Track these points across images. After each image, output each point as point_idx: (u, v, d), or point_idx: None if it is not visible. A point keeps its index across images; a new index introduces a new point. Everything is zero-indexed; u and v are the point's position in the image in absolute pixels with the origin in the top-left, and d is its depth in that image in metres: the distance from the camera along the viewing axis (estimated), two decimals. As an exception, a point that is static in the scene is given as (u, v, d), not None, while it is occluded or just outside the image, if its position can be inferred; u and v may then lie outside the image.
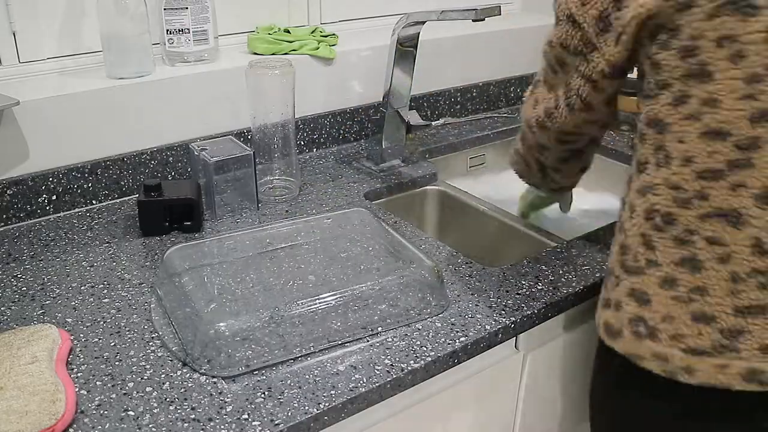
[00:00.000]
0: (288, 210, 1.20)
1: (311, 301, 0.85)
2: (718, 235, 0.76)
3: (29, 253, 1.06)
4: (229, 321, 0.82)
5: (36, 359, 0.77)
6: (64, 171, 1.16)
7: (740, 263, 0.76)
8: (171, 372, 0.81)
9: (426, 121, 1.52)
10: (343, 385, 0.79)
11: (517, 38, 1.72)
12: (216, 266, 0.96)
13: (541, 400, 1.08)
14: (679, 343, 0.79)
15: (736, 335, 0.77)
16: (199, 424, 0.74)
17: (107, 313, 0.91)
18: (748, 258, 0.75)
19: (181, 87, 1.25)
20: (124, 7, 1.17)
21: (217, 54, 1.33)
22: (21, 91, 1.12)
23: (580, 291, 0.99)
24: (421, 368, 0.83)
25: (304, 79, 1.36)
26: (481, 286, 0.99)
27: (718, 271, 0.77)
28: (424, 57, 1.50)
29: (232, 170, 1.15)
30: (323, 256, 0.99)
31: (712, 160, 0.75)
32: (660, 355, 0.80)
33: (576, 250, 1.08)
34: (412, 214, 1.37)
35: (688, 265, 0.78)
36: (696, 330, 0.78)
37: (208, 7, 1.27)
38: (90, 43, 1.26)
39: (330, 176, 1.34)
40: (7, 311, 0.91)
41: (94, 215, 1.18)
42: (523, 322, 0.93)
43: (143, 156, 1.23)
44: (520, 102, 1.77)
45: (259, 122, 1.21)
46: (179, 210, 1.10)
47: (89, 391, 0.78)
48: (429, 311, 0.92)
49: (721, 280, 0.77)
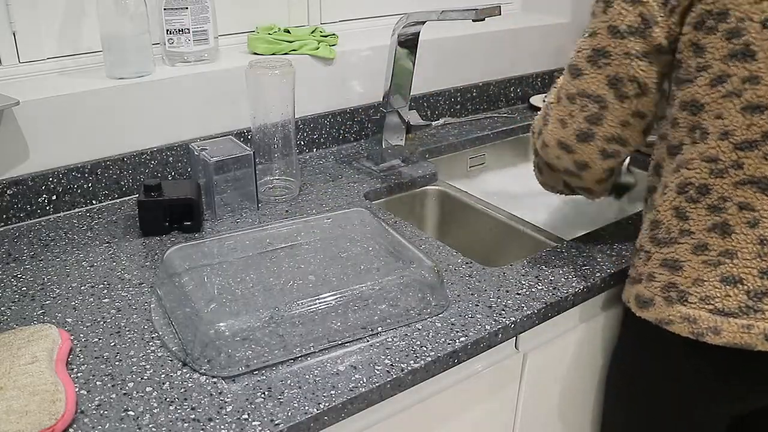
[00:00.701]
0: (288, 210, 1.20)
1: (311, 301, 0.85)
2: (749, 200, 0.84)
3: (29, 253, 1.06)
4: (229, 321, 0.82)
5: (36, 359, 0.77)
6: (64, 171, 1.16)
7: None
8: (171, 372, 0.81)
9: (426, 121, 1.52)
10: (343, 385, 0.79)
11: (517, 38, 1.72)
12: (216, 266, 0.96)
13: (541, 400, 1.08)
14: (707, 305, 0.86)
15: (761, 297, 0.84)
16: (199, 424, 0.74)
17: (107, 313, 0.91)
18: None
19: (181, 87, 1.25)
20: (124, 7, 1.17)
21: (217, 54, 1.33)
22: (21, 91, 1.12)
23: (580, 291, 0.99)
24: (421, 368, 0.83)
25: (304, 79, 1.36)
26: (481, 286, 0.99)
27: (747, 235, 0.84)
28: (424, 57, 1.50)
29: (232, 170, 1.15)
30: (323, 256, 0.99)
31: (750, 132, 0.82)
32: (689, 317, 0.87)
33: (576, 250, 1.08)
34: (412, 214, 1.37)
35: (719, 230, 0.85)
36: (723, 291, 0.85)
37: (208, 7, 1.27)
38: (90, 43, 1.26)
39: (330, 176, 1.34)
40: (7, 311, 0.91)
41: (94, 215, 1.18)
42: (523, 322, 0.93)
43: (143, 156, 1.23)
44: (520, 102, 1.77)
45: (259, 122, 1.21)
46: (179, 210, 1.10)
47: (89, 391, 0.78)
48: (429, 311, 0.92)
49: (749, 244, 0.84)
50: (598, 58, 0.91)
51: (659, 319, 0.90)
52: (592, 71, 0.91)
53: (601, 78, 0.91)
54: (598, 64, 0.91)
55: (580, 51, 0.93)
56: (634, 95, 0.91)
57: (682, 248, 0.88)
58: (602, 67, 0.91)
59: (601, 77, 0.91)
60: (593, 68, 0.91)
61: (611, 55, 0.90)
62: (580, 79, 0.93)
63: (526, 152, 1.66)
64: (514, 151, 1.64)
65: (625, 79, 0.90)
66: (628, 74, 0.89)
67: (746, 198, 0.84)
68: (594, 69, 0.91)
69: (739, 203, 0.84)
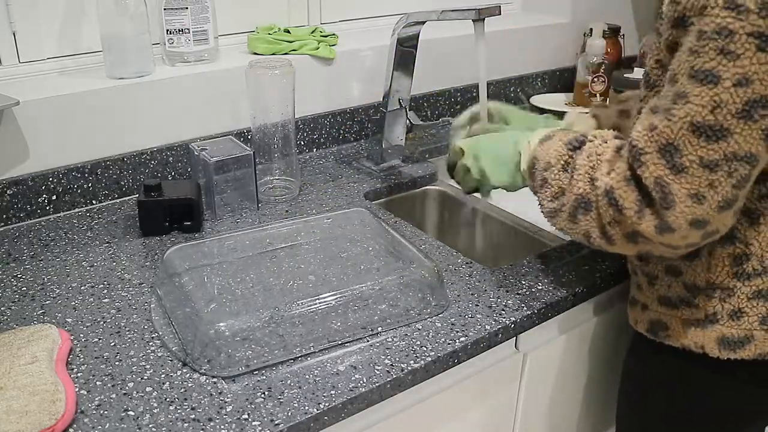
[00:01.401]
0: (288, 210, 1.20)
1: (311, 301, 0.85)
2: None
3: (29, 253, 1.06)
4: (229, 321, 0.82)
5: (36, 359, 0.77)
6: (64, 171, 1.16)
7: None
8: (171, 372, 0.81)
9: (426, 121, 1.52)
10: (343, 385, 0.79)
11: (517, 38, 1.72)
12: (216, 266, 0.96)
13: (541, 400, 1.08)
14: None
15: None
16: (199, 424, 0.74)
17: (107, 313, 0.91)
18: None
19: (181, 87, 1.25)
20: (124, 7, 1.17)
21: (217, 54, 1.33)
22: (21, 91, 1.12)
23: (580, 291, 0.99)
24: (421, 368, 0.83)
25: (304, 79, 1.36)
26: (481, 286, 0.99)
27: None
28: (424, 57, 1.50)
29: (232, 170, 1.15)
30: (323, 256, 0.99)
31: None
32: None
33: (576, 250, 1.08)
34: (412, 214, 1.37)
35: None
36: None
37: (208, 7, 1.27)
38: (90, 43, 1.26)
39: (330, 176, 1.34)
40: (7, 311, 0.91)
41: (94, 215, 1.18)
42: (523, 322, 0.93)
43: (143, 156, 1.23)
44: (520, 102, 1.77)
45: (259, 122, 1.21)
46: (179, 210, 1.10)
47: (89, 391, 0.78)
48: (429, 311, 0.92)
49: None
50: (756, 111, 0.71)
51: (764, 353, 0.85)
52: (746, 128, 0.72)
53: (757, 134, 0.72)
54: (753, 118, 0.71)
55: (722, 106, 0.71)
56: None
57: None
58: (758, 120, 0.71)
59: (758, 132, 0.72)
60: (746, 124, 0.71)
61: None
62: (726, 140, 0.72)
63: (526, 152, 1.66)
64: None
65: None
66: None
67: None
68: (748, 125, 0.71)
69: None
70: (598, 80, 1.66)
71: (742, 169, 0.73)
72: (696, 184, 0.73)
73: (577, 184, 0.83)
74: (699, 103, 0.72)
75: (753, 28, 0.68)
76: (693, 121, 0.72)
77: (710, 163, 0.73)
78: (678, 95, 0.73)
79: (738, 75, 0.70)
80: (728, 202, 0.74)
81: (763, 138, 0.72)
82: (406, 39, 1.29)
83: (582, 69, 1.68)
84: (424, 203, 1.38)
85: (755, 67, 0.69)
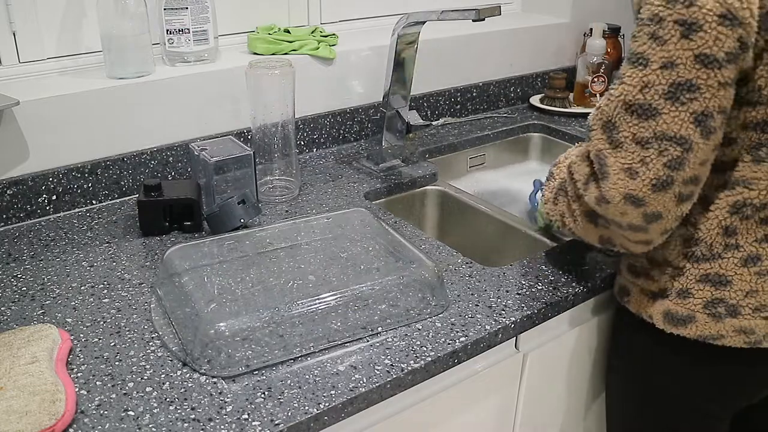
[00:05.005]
0: (288, 210, 1.20)
1: (311, 301, 0.85)
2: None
3: (29, 253, 1.06)
4: (229, 321, 0.82)
5: (36, 359, 0.77)
6: (64, 171, 1.16)
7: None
8: (171, 372, 0.81)
9: (426, 121, 1.52)
10: (343, 385, 0.79)
11: (517, 38, 1.72)
12: (216, 266, 0.96)
13: (541, 400, 1.08)
14: (762, 313, 0.87)
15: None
16: (199, 424, 0.74)
17: (107, 313, 0.91)
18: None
19: (181, 87, 1.25)
20: (124, 7, 1.17)
21: (217, 54, 1.33)
22: (21, 91, 1.12)
23: (580, 291, 0.99)
24: (421, 368, 0.83)
25: (304, 79, 1.36)
26: (481, 286, 0.99)
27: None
28: (424, 57, 1.50)
29: (232, 170, 1.15)
30: (323, 256, 0.99)
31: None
32: (744, 329, 0.87)
33: (576, 250, 1.08)
34: (412, 214, 1.37)
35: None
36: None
37: (208, 7, 1.27)
38: (90, 43, 1.26)
39: (330, 176, 1.34)
40: (7, 311, 0.91)
41: (94, 215, 1.18)
42: (523, 322, 0.93)
43: (143, 156, 1.23)
44: (520, 102, 1.77)
45: (259, 122, 1.21)
46: (179, 210, 1.10)
47: (89, 391, 0.78)
48: (429, 311, 0.92)
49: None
50: (681, 94, 0.77)
51: (704, 335, 0.89)
52: (673, 109, 0.77)
53: (685, 116, 0.77)
54: (680, 100, 0.77)
55: (650, 87, 0.78)
56: (718, 127, 0.79)
57: (729, 263, 0.87)
58: (686, 103, 0.77)
59: (686, 115, 0.77)
60: (674, 105, 0.77)
61: (700, 88, 0.76)
62: (655, 119, 0.78)
63: (526, 152, 1.66)
64: (514, 151, 1.64)
65: (715, 113, 0.78)
66: (719, 106, 0.78)
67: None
68: (675, 106, 0.77)
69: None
70: (598, 80, 1.66)
71: (673, 149, 0.78)
72: (629, 159, 0.80)
73: (562, 170, 0.97)
74: (630, 83, 0.79)
75: (678, 16, 0.76)
76: (626, 99, 0.80)
77: (642, 140, 0.79)
78: (617, 77, 0.82)
79: (664, 59, 0.77)
80: (662, 183, 0.79)
81: (692, 122, 0.77)
82: (406, 39, 1.29)
83: (582, 69, 1.68)
84: (424, 203, 1.38)
85: (679, 53, 0.76)
